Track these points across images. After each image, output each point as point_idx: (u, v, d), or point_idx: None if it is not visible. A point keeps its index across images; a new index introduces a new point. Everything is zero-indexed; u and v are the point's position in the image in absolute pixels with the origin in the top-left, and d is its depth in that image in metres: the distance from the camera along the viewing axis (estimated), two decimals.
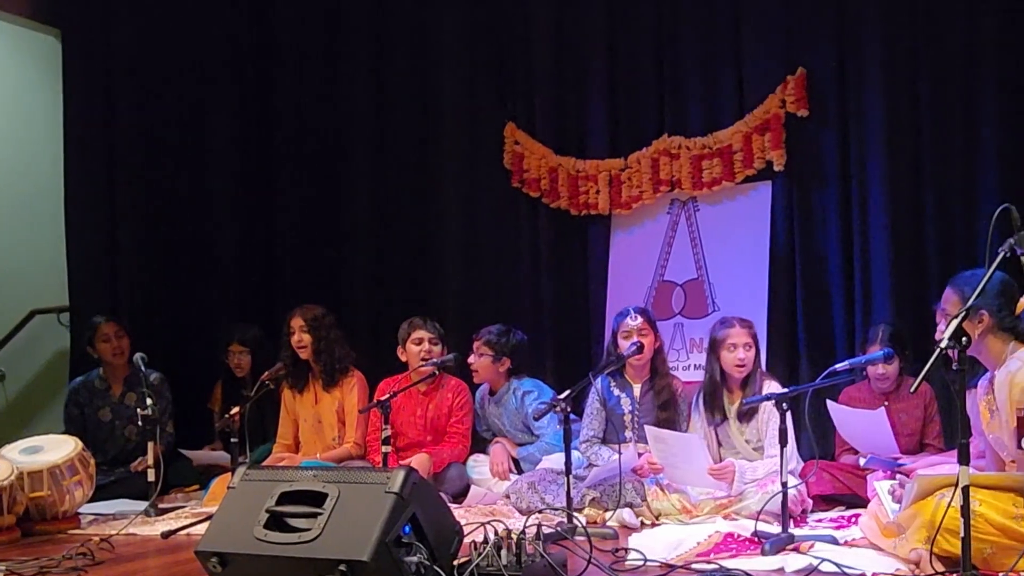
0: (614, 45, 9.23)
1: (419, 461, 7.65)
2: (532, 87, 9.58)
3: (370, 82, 10.23)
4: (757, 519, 5.99)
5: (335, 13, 10.31)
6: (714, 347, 7.12)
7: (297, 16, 10.47)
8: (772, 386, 6.82)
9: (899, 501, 5.37)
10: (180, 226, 9.92)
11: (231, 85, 10.30)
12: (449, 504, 5.93)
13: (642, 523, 6.64)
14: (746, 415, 7.02)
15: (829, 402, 7.17)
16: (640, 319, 7.35)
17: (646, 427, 6.95)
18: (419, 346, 8.09)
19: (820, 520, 6.63)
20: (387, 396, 7.05)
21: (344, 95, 10.32)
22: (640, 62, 9.13)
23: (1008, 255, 4.50)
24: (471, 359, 8.17)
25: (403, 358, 8.19)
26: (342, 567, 4.28)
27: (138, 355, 7.87)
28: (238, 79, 10.37)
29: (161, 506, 7.70)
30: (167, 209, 9.84)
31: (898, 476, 6.14)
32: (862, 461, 7.01)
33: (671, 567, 5.31)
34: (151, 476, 7.54)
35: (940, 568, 4.75)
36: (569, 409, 6.38)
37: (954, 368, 4.41)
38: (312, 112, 10.42)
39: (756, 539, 5.78)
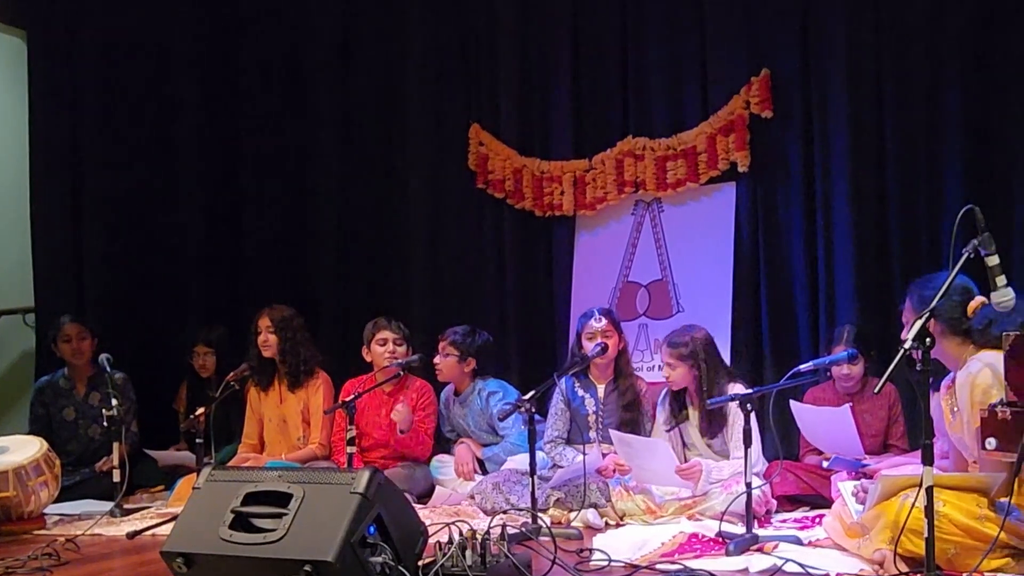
0: (578, 47, 9.25)
1: (400, 409, 7.81)
2: (497, 88, 9.57)
3: (336, 83, 10.23)
4: (721, 520, 6.03)
5: (301, 14, 10.31)
6: None
7: (264, 17, 10.46)
8: (737, 387, 6.82)
9: (863, 502, 5.40)
10: (146, 227, 9.88)
11: (198, 86, 10.25)
12: (414, 504, 5.93)
13: (606, 523, 6.64)
14: (715, 427, 7.02)
15: (792, 402, 7.19)
16: (604, 320, 7.37)
17: (611, 432, 6.96)
18: (384, 347, 8.09)
19: (784, 521, 6.63)
20: (352, 397, 7.05)
21: (310, 96, 10.32)
22: (604, 63, 9.14)
23: (972, 256, 4.52)
24: (436, 359, 8.15)
25: (368, 358, 8.18)
26: (307, 567, 4.27)
27: (103, 355, 7.85)
28: (204, 80, 10.31)
29: (126, 506, 7.65)
30: (133, 210, 9.80)
31: (862, 478, 6.17)
32: (826, 463, 7.04)
33: (635, 567, 5.33)
34: (116, 476, 7.52)
35: (904, 568, 4.77)
36: (533, 410, 6.39)
37: (918, 369, 4.42)
38: (278, 113, 10.41)
39: (720, 539, 5.81)
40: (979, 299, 4.66)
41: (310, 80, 10.34)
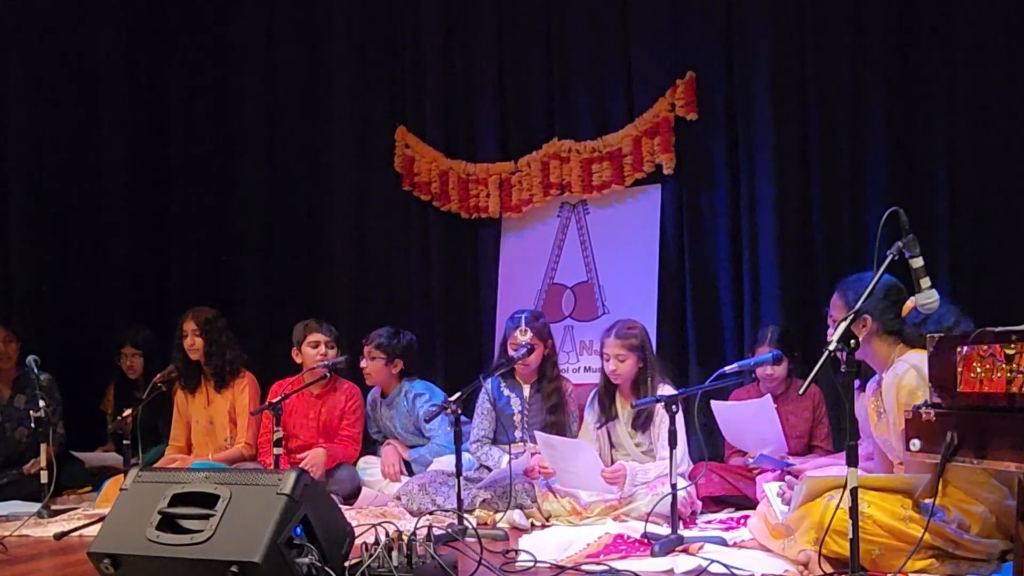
0: (504, 50, 9.27)
1: (315, 455, 7.74)
2: (423, 91, 9.59)
3: (261, 87, 10.25)
4: (647, 521, 6.02)
5: (226, 18, 10.30)
6: (601, 352, 7.17)
7: (189, 24, 10.45)
8: (666, 388, 6.84)
9: (788, 503, 5.42)
10: (73, 230, 9.82)
11: (124, 91, 10.20)
12: (340, 506, 5.91)
13: (532, 524, 6.66)
14: (641, 425, 7.05)
15: (713, 402, 7.19)
16: (529, 332, 7.34)
17: (536, 434, 6.96)
18: (315, 349, 8.09)
19: (709, 522, 6.65)
20: (278, 398, 7.01)
21: (236, 100, 10.33)
22: (530, 66, 9.17)
23: (896, 258, 4.55)
24: (363, 363, 8.14)
25: (298, 360, 8.17)
26: (234, 568, 4.27)
27: (31, 357, 7.77)
28: (131, 85, 10.26)
29: (54, 508, 7.61)
30: (60, 213, 9.73)
31: (787, 477, 6.20)
32: (751, 460, 7.08)
33: (561, 568, 5.33)
34: (44, 478, 7.46)
35: (829, 569, 4.79)
36: (460, 411, 6.38)
37: (842, 371, 4.45)
38: (204, 116, 10.41)
39: (646, 540, 5.80)
40: (914, 299, 4.70)
41: (235, 84, 10.34)
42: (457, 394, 6.45)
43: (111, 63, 10.11)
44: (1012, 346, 4.02)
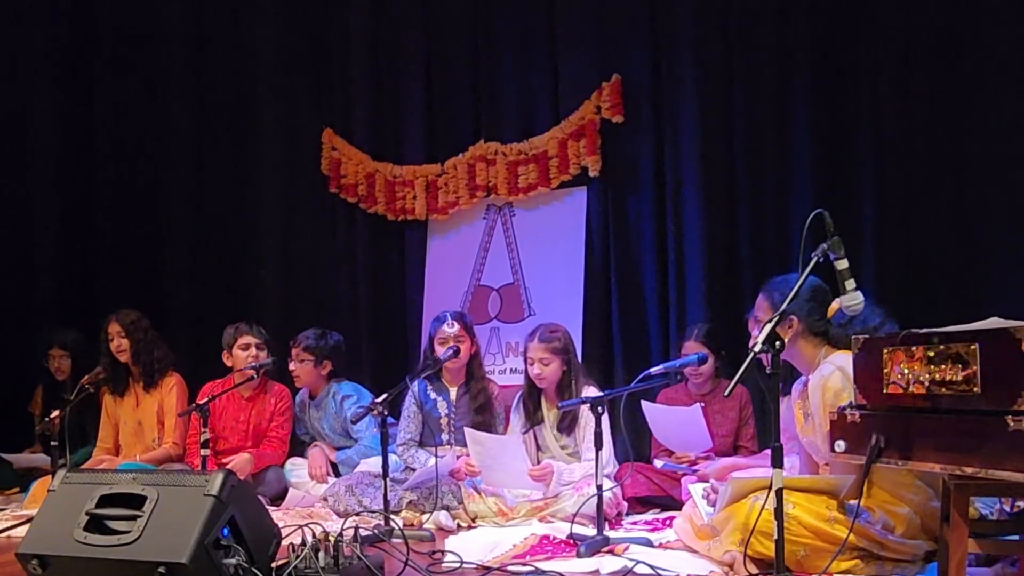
0: (431, 52, 9.29)
1: (241, 460, 7.73)
2: (350, 93, 9.61)
3: (188, 87, 10.22)
4: (572, 521, 6.05)
5: (154, 18, 10.25)
6: (524, 356, 7.19)
7: (118, 22, 10.37)
8: (590, 390, 6.85)
9: (713, 504, 5.44)
10: None
11: (51, 89, 10.14)
12: (267, 507, 5.88)
13: (459, 525, 6.67)
14: (567, 427, 7.07)
15: (644, 402, 7.26)
16: (457, 325, 7.37)
17: (465, 429, 6.97)
18: (246, 351, 8.07)
19: (635, 522, 6.69)
20: (206, 400, 7.02)
21: (163, 100, 10.27)
22: (456, 69, 9.19)
23: (822, 260, 4.57)
24: (292, 366, 8.15)
25: (228, 363, 8.16)
26: (161, 569, 4.25)
27: None
28: (59, 83, 10.20)
29: None
30: None
31: (711, 480, 6.22)
32: (658, 463, 7.13)
33: (487, 569, 5.33)
34: None
35: (754, 570, 4.82)
36: (386, 413, 6.37)
37: (768, 372, 4.46)
38: (131, 117, 10.33)
39: (572, 541, 5.83)
40: (839, 300, 4.72)
41: (163, 84, 10.27)
42: (384, 396, 6.44)
43: (38, 66, 10.05)
44: (936, 348, 4.06)
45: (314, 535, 4.70)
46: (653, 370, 6.00)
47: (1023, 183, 7.09)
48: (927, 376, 4.09)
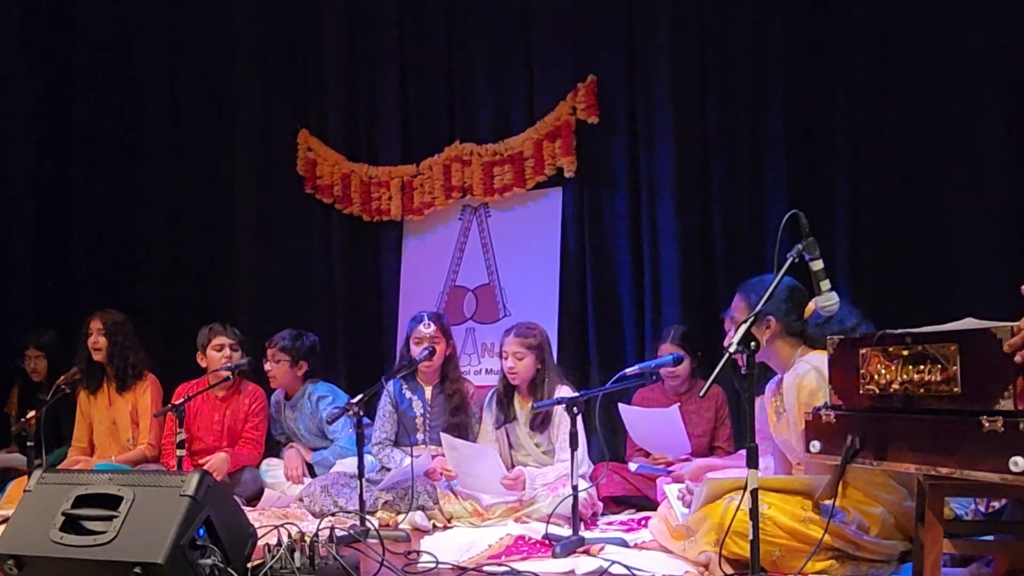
0: (406, 53, 9.28)
1: (218, 460, 7.74)
2: (325, 94, 9.59)
3: (165, 88, 10.19)
4: (548, 522, 6.06)
5: (131, 18, 10.23)
6: (500, 351, 7.20)
7: (94, 18, 10.29)
8: (564, 390, 6.87)
9: (689, 504, 5.46)
10: None
11: (27, 89, 10.07)
12: (243, 507, 5.87)
13: (434, 526, 6.67)
14: (540, 425, 7.09)
15: (621, 405, 7.26)
16: (433, 325, 7.38)
17: (441, 435, 6.96)
18: (220, 352, 8.07)
19: (611, 523, 6.70)
20: (181, 400, 7.02)
21: (139, 101, 10.24)
22: (432, 69, 9.18)
23: (796, 260, 4.58)
24: (268, 367, 8.15)
25: (203, 364, 8.15)
26: (137, 569, 4.26)
27: None
28: (35, 81, 10.13)
29: None
30: None
31: (687, 481, 6.23)
32: (633, 466, 7.14)
33: (463, 569, 5.36)
34: None
35: (729, 570, 4.84)
36: (362, 413, 6.37)
37: (743, 373, 4.47)
38: (108, 117, 10.27)
39: (547, 542, 5.85)
40: (815, 301, 4.73)
41: (139, 84, 10.25)
42: (359, 396, 6.44)
43: (13, 62, 9.99)
44: (912, 348, 4.08)
45: (290, 535, 4.72)
46: (628, 371, 6.00)
47: (995, 185, 7.10)
48: (904, 377, 4.10)
